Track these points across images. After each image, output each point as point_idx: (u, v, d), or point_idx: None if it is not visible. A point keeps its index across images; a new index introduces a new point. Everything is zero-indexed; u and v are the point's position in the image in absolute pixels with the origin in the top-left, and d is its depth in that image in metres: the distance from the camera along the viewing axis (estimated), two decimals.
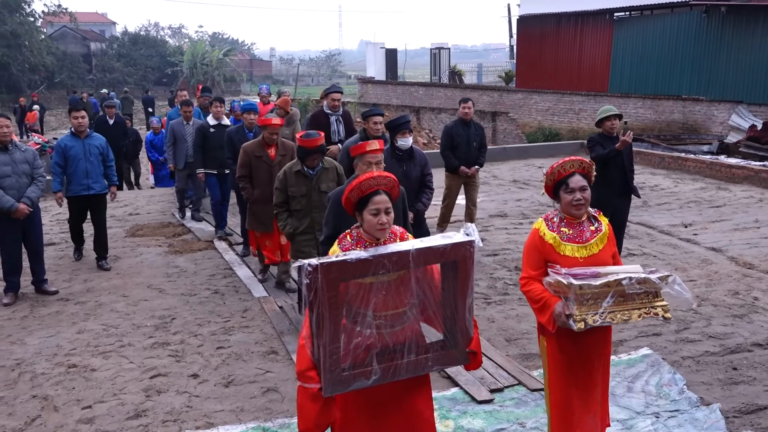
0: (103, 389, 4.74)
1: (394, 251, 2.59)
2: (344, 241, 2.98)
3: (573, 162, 3.31)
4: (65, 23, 47.61)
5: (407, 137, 5.79)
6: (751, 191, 11.07)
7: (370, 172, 3.01)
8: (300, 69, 62.18)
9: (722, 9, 17.83)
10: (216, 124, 8.45)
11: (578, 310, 3.02)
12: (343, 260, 2.51)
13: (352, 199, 2.91)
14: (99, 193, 7.49)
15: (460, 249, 2.67)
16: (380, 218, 2.86)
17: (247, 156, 6.55)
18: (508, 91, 24.24)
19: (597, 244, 3.30)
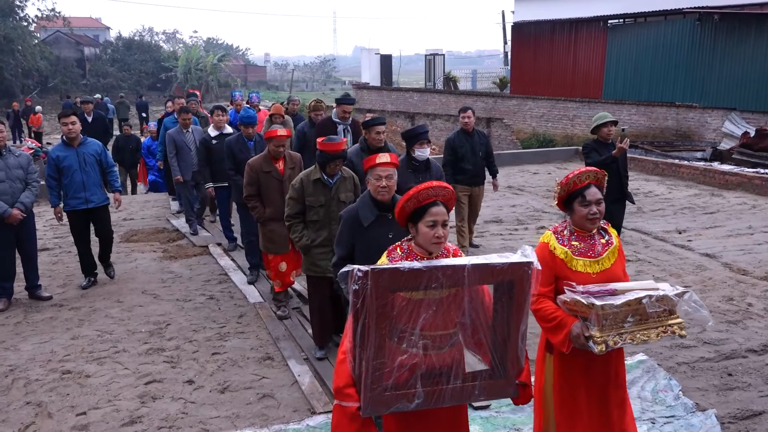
0: (97, 395, 4.71)
1: (449, 265, 2.43)
2: (394, 254, 2.89)
3: (588, 173, 3.18)
4: (59, 28, 47.53)
5: (425, 148, 5.56)
6: (744, 198, 11.13)
7: (429, 183, 2.84)
8: (294, 75, 62.30)
9: (715, 17, 17.95)
10: (218, 135, 7.98)
11: (599, 331, 2.86)
12: (396, 268, 2.37)
13: (408, 209, 2.80)
14: (99, 205, 6.92)
15: (518, 269, 2.50)
16: (437, 231, 2.74)
17: (254, 172, 5.99)
18: (502, 98, 24.32)
19: (609, 258, 3.20)
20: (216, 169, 7.80)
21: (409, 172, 5.46)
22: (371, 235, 3.85)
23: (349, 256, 3.82)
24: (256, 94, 11.97)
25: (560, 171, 14.14)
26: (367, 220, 3.90)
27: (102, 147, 6.99)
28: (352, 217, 3.94)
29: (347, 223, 3.95)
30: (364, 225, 3.88)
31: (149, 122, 15.30)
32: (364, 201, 4.00)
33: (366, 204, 3.96)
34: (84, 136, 6.88)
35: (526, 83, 24.17)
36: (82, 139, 6.82)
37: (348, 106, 7.62)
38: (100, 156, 6.89)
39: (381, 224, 3.90)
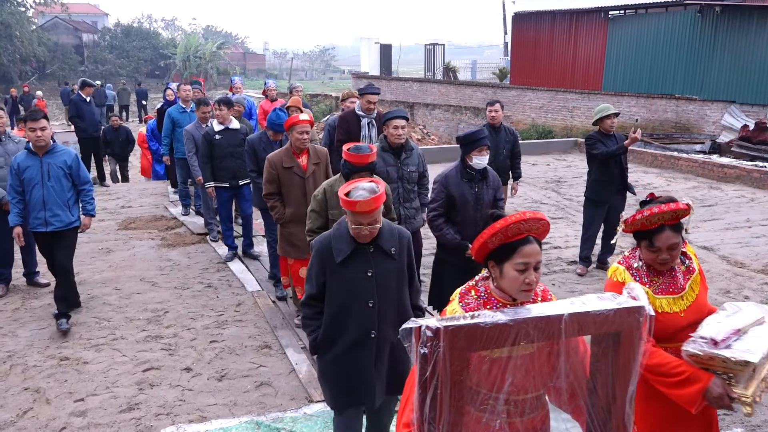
0: (95, 382, 4.73)
1: (542, 317, 1.95)
2: (467, 298, 2.35)
3: (663, 214, 2.61)
4: (57, 14, 47.29)
5: (484, 155, 4.75)
6: (742, 191, 11.14)
7: (521, 213, 2.24)
8: (293, 63, 62.09)
9: (716, 9, 17.89)
10: (222, 129, 7.20)
11: (746, 389, 2.44)
12: (476, 324, 1.87)
13: (491, 245, 2.25)
14: (61, 229, 5.58)
15: (625, 317, 2.02)
16: (528, 276, 2.21)
17: (274, 169, 5.45)
18: (502, 88, 24.26)
19: (693, 288, 2.76)
20: (218, 167, 7.20)
21: (464, 182, 4.74)
22: (346, 274, 3.14)
23: (321, 296, 3.23)
24: (273, 81, 10.99)
25: (559, 162, 14.14)
26: (340, 255, 3.14)
27: (75, 157, 5.67)
28: (324, 249, 3.19)
29: (318, 256, 3.20)
30: (336, 260, 3.14)
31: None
32: (339, 230, 3.21)
33: (342, 234, 3.17)
34: (55, 143, 5.64)
35: (525, 74, 24.11)
36: (52, 146, 5.57)
37: (373, 96, 6.83)
38: (70, 168, 5.59)
39: (359, 260, 3.15)
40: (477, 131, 4.82)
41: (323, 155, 5.66)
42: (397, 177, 5.46)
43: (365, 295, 3.16)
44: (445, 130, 22.08)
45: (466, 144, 4.76)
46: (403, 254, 3.25)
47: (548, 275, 6.98)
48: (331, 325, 3.20)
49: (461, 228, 4.74)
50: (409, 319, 1.90)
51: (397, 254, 3.21)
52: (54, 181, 5.51)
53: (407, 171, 5.50)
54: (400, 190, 5.48)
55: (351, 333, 3.17)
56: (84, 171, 5.71)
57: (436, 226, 4.79)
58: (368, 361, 3.20)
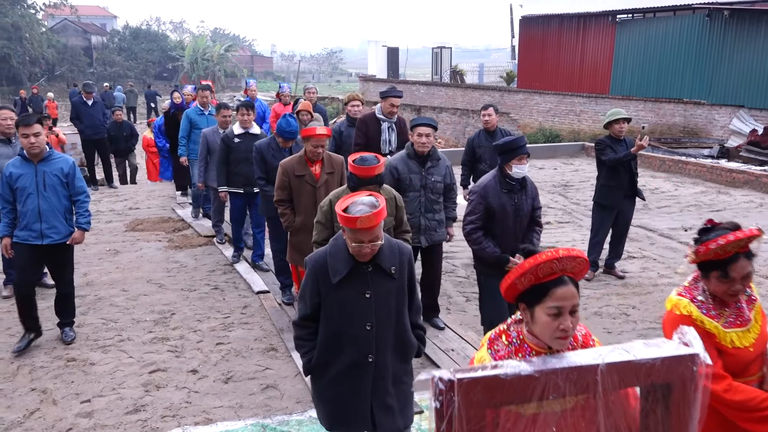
0: (102, 383, 4.74)
1: (574, 365, 1.69)
2: (497, 345, 2.10)
3: (739, 242, 2.43)
4: (66, 16, 47.57)
5: (524, 164, 4.48)
6: (751, 196, 11.08)
7: (554, 251, 1.98)
8: (301, 66, 62.20)
9: (725, 13, 17.82)
10: (242, 133, 7.02)
11: None
12: (495, 376, 1.63)
13: (520, 286, 2.02)
14: (58, 242, 5.21)
15: (676, 367, 1.74)
16: (563, 322, 1.95)
17: (286, 175, 5.33)
18: (509, 92, 24.23)
19: (757, 319, 2.62)
20: (232, 172, 7.01)
21: (503, 193, 4.47)
22: (342, 295, 2.93)
23: (314, 317, 3.03)
24: (288, 84, 10.65)
25: (566, 166, 14.11)
26: (337, 275, 2.91)
27: (72, 165, 5.26)
28: (319, 267, 2.97)
29: (312, 274, 2.98)
30: (332, 281, 2.92)
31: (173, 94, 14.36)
32: (336, 246, 2.98)
33: (339, 252, 2.95)
34: (51, 150, 5.23)
35: (533, 78, 24.07)
36: (48, 153, 5.17)
37: (396, 100, 6.56)
38: (67, 176, 5.19)
39: (356, 280, 2.94)
40: (516, 138, 4.52)
41: (338, 164, 5.47)
42: (420, 185, 5.26)
43: (363, 317, 2.96)
44: (452, 133, 22.07)
45: (504, 152, 4.47)
46: (403, 272, 3.04)
47: None
48: (326, 347, 3.03)
49: (500, 240, 4.51)
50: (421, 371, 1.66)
51: (398, 273, 3.00)
52: (50, 191, 5.11)
53: (431, 180, 5.29)
54: (422, 199, 5.28)
55: (347, 356, 3.00)
56: (81, 180, 5.29)
57: (475, 240, 4.53)
58: (366, 384, 3.02)
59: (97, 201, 10.95)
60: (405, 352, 3.14)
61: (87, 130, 11.46)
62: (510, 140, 4.51)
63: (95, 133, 11.53)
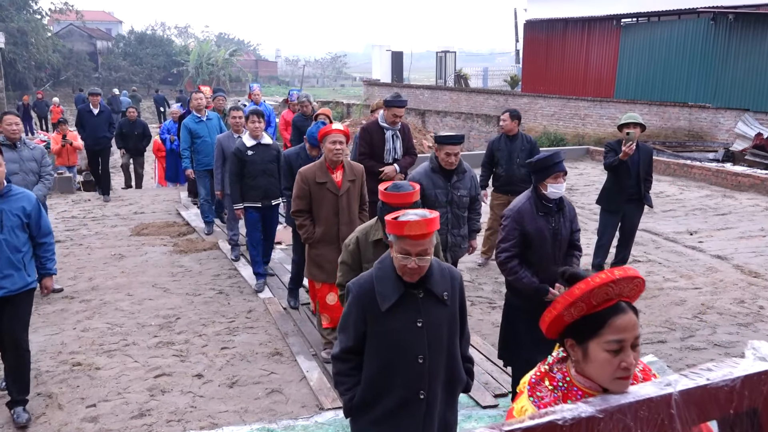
0: (107, 388, 4.75)
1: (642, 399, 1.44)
2: (540, 390, 1.76)
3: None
4: (72, 21, 47.78)
5: (561, 182, 4.06)
6: (756, 199, 11.05)
7: (609, 272, 1.64)
8: (305, 70, 62.35)
9: (730, 16, 17.80)
10: (255, 144, 6.59)
11: None
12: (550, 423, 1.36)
13: (568, 318, 1.68)
14: (13, 293, 4.27)
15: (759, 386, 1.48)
16: (625, 359, 1.61)
17: (306, 183, 5.04)
18: (513, 96, 24.23)
19: None
20: (249, 186, 6.58)
21: (540, 216, 4.05)
22: (391, 324, 2.67)
23: (358, 350, 2.75)
24: (297, 91, 10.31)
25: (571, 170, 14.09)
26: (386, 301, 2.66)
27: (35, 203, 4.42)
28: (364, 294, 2.71)
29: (357, 302, 2.72)
30: (381, 308, 2.67)
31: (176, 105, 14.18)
32: (383, 270, 2.72)
33: (386, 275, 2.69)
34: (10, 185, 4.36)
35: (537, 81, 24.07)
36: (6, 189, 4.28)
37: (399, 110, 6.36)
38: (29, 217, 4.35)
39: (407, 307, 2.68)
40: (552, 155, 4.11)
41: (359, 172, 5.21)
42: (446, 201, 5.03)
43: (415, 349, 2.67)
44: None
45: (539, 170, 4.06)
46: (455, 298, 2.79)
47: None
48: (372, 384, 2.72)
49: (538, 269, 4.07)
50: None
51: (450, 299, 2.74)
52: (8, 233, 4.24)
53: (458, 195, 5.06)
54: (449, 216, 5.06)
55: (396, 393, 2.70)
56: (45, 220, 4.51)
57: (511, 269, 4.08)
58: (416, 424, 2.73)
59: (102, 206, 10.99)
60: (454, 387, 2.86)
61: (88, 140, 11.04)
62: (544, 157, 4.10)
63: (96, 144, 11.00)
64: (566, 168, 4.09)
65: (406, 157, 6.59)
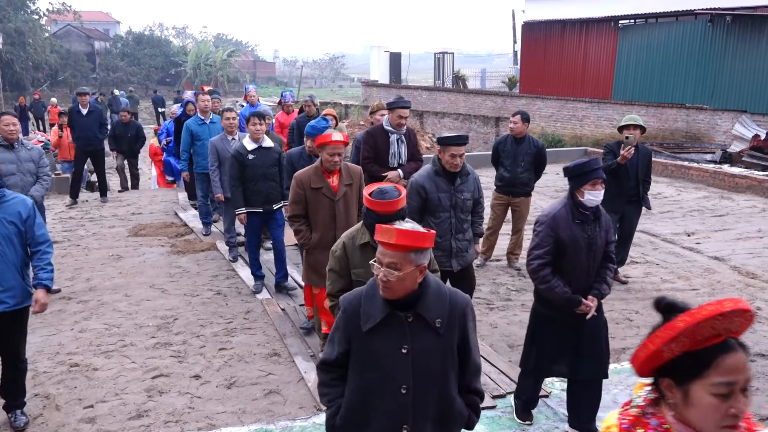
0: (105, 389, 4.74)
1: None
2: None
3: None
4: (69, 21, 47.75)
5: (598, 190, 3.89)
6: (754, 201, 11.07)
7: (717, 304, 1.46)
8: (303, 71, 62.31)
9: (727, 18, 17.83)
10: (256, 148, 6.39)
11: None
12: None
13: (668, 354, 1.51)
14: (13, 309, 4.05)
15: None
16: (734, 404, 1.47)
17: (302, 188, 4.93)
18: (511, 97, 24.26)
19: None
20: (250, 191, 6.40)
21: (575, 224, 3.89)
22: (374, 346, 2.46)
23: (341, 364, 2.58)
24: (290, 92, 10.21)
25: None
26: (369, 321, 2.47)
27: (31, 208, 4.12)
28: (352, 311, 2.53)
29: (344, 318, 2.55)
30: (363, 328, 2.48)
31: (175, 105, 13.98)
32: (373, 287, 2.52)
33: (375, 293, 2.49)
34: (2, 189, 4.05)
35: (535, 83, 24.10)
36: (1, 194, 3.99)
37: (404, 111, 6.20)
38: (25, 223, 4.05)
39: (392, 330, 2.45)
40: (589, 161, 3.94)
41: (357, 175, 5.08)
42: (450, 205, 4.86)
43: (397, 377, 2.44)
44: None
45: (576, 176, 3.90)
46: (453, 327, 2.48)
47: None
48: (354, 407, 2.53)
49: (570, 278, 3.93)
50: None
51: (444, 327, 2.45)
52: (4, 244, 3.95)
53: (461, 198, 4.89)
54: (453, 220, 4.89)
55: (378, 424, 2.49)
56: (41, 226, 4.14)
57: (543, 278, 3.93)
58: None
59: (100, 206, 10.98)
60: (448, 426, 2.57)
61: (78, 141, 10.67)
62: (581, 163, 3.93)
63: (87, 145, 10.60)
64: (604, 175, 3.93)
65: (410, 163, 6.42)
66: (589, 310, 3.95)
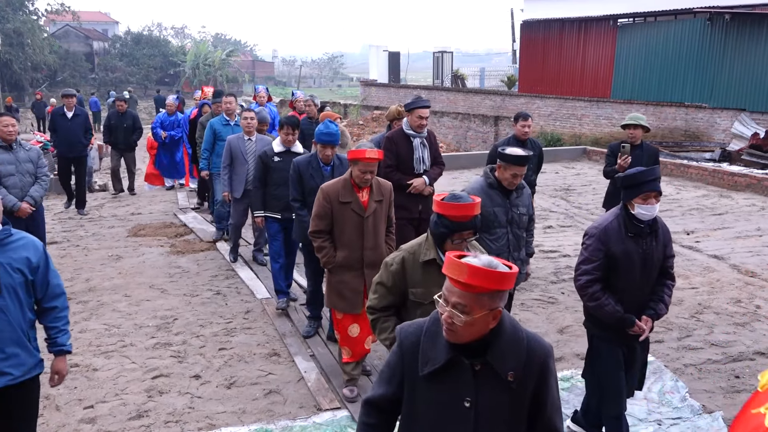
0: (105, 389, 4.74)
1: None
2: None
3: None
4: (68, 22, 47.82)
5: (652, 204, 3.53)
6: (753, 199, 11.08)
7: None
8: (302, 71, 62.34)
9: (726, 16, 17.84)
10: (283, 151, 6.06)
11: None
12: None
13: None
14: (19, 381, 3.14)
15: None
16: None
17: (328, 202, 4.47)
18: (510, 96, 24.27)
19: None
20: (270, 195, 6.08)
21: (628, 237, 3.58)
22: (432, 395, 2.10)
23: (385, 407, 2.25)
24: (302, 92, 9.79)
25: (568, 170, 14.10)
26: (428, 364, 2.09)
27: (43, 251, 3.21)
28: (409, 345, 2.16)
29: (401, 354, 2.17)
30: (420, 374, 2.10)
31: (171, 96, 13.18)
32: (437, 323, 2.12)
33: (438, 331, 2.10)
34: (7, 227, 3.11)
35: (534, 82, 24.10)
36: (3, 233, 3.08)
37: (424, 110, 5.74)
38: (35, 271, 3.16)
39: (455, 379, 2.07)
40: (645, 171, 3.58)
41: (387, 191, 4.63)
42: (506, 220, 4.43)
43: None
44: (453, 137, 22.09)
45: (627, 187, 3.58)
46: (528, 380, 2.09)
47: (557, 283, 6.97)
48: None
49: (623, 297, 3.62)
50: None
51: (519, 380, 2.07)
52: (9, 297, 3.06)
53: (517, 213, 4.47)
54: (509, 237, 4.47)
55: None
56: (56, 275, 3.29)
57: (592, 295, 3.61)
58: None
59: (99, 206, 10.97)
60: None
61: (61, 146, 10.09)
62: (636, 172, 3.60)
63: (70, 151, 9.99)
64: (661, 188, 3.58)
65: (434, 168, 6.01)
66: (643, 332, 3.65)
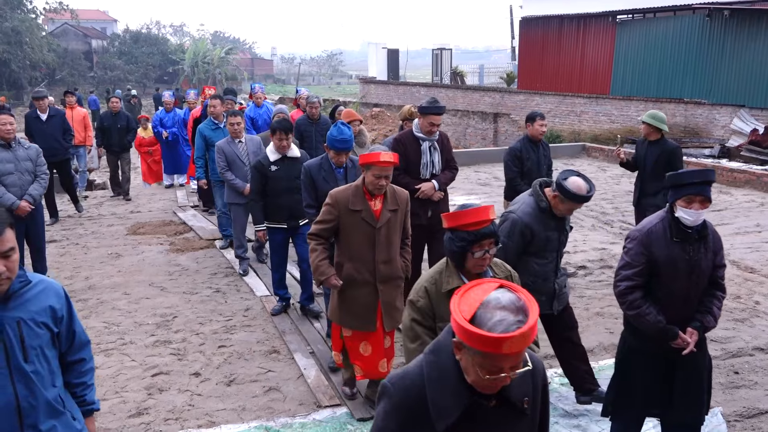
0: (105, 387, 4.74)
1: None
2: None
3: None
4: (66, 20, 47.76)
5: (695, 208, 3.31)
6: (752, 195, 11.08)
7: None
8: (301, 68, 62.27)
9: (725, 12, 17.83)
10: (279, 159, 5.80)
11: None
12: None
13: None
14: None
15: None
16: None
17: (336, 208, 4.16)
18: (509, 93, 24.26)
19: None
20: (273, 205, 5.85)
21: (675, 243, 3.33)
22: None
23: None
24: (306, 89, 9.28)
25: (567, 167, 14.08)
26: (444, 417, 1.84)
27: (64, 296, 2.63)
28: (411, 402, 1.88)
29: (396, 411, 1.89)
30: (437, 428, 1.84)
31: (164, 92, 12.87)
32: (441, 370, 1.88)
33: (445, 377, 1.86)
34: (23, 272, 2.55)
35: (533, 78, 24.10)
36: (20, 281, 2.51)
37: (436, 117, 5.44)
38: (59, 322, 2.57)
39: (474, 424, 1.86)
40: (690, 172, 3.35)
41: (403, 200, 4.29)
42: (558, 245, 4.15)
43: None
44: (452, 134, 22.08)
45: (672, 187, 3.33)
46: (537, 400, 1.98)
47: None
48: None
49: (665, 306, 3.35)
50: None
51: (531, 405, 1.94)
52: (37, 360, 2.46)
53: (565, 236, 4.24)
54: (557, 260, 4.23)
55: None
56: (78, 323, 2.71)
57: (632, 303, 3.35)
58: None
59: (98, 204, 10.97)
60: None
61: None
62: (681, 172, 3.38)
63: (50, 156, 8.50)
64: (710, 194, 3.30)
65: (446, 172, 5.75)
66: (687, 345, 3.33)
